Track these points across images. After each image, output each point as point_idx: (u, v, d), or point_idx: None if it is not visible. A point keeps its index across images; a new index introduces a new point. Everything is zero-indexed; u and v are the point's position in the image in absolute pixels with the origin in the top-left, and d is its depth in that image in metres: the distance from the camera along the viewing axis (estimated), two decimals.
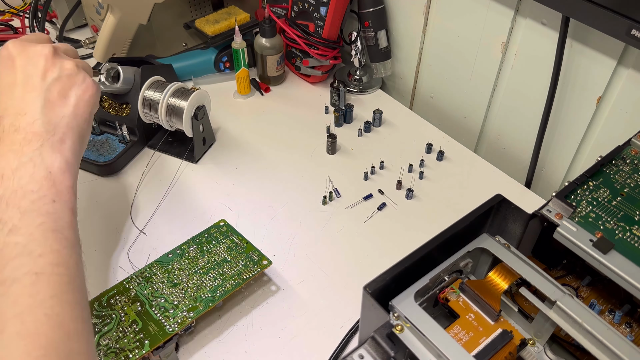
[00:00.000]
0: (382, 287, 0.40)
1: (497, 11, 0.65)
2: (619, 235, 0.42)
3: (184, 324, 0.48)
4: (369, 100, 0.82)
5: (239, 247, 0.56)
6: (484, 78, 0.72)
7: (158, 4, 0.76)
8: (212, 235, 0.57)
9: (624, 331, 0.44)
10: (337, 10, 0.75)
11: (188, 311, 0.49)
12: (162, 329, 0.48)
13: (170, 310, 0.50)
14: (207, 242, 0.56)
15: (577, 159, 0.67)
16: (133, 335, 0.48)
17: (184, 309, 0.50)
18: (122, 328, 0.48)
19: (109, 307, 0.50)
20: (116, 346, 0.47)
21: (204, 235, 0.57)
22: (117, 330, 0.48)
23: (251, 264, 0.54)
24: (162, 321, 0.49)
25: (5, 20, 0.94)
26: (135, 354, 0.46)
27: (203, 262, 0.54)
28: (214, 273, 0.53)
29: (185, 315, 0.49)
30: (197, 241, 0.56)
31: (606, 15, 0.51)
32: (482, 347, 0.41)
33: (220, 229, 0.58)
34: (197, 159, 0.71)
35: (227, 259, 0.54)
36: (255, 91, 0.83)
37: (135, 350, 0.46)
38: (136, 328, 0.48)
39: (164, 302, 0.50)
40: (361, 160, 0.71)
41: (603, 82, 0.59)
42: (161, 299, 0.50)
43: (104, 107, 0.71)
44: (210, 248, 0.56)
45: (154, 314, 0.49)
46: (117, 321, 0.49)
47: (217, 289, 0.52)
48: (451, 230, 0.44)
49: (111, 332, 0.48)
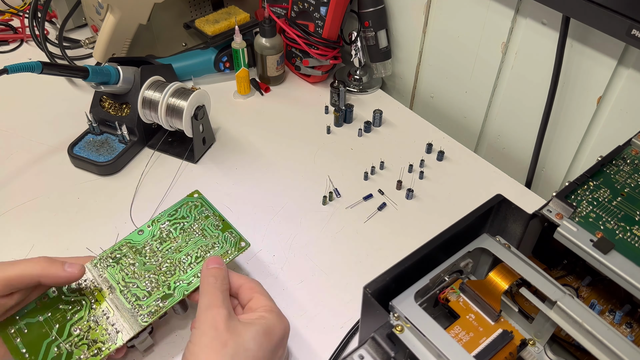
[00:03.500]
0: (383, 287, 0.40)
1: (498, 11, 0.65)
2: (620, 236, 0.42)
3: (157, 313, 0.46)
4: (369, 100, 0.82)
5: (215, 226, 0.53)
6: (484, 78, 0.72)
7: (158, 4, 0.76)
8: (186, 210, 0.54)
9: (625, 331, 0.44)
10: (337, 10, 0.75)
11: (162, 300, 0.47)
12: (135, 319, 0.46)
13: (142, 298, 0.47)
14: (181, 219, 0.54)
15: (578, 159, 0.67)
16: (105, 325, 0.46)
17: (157, 298, 0.47)
18: (93, 317, 0.47)
19: (78, 292, 0.48)
20: (88, 337, 0.45)
21: (176, 209, 0.55)
22: (89, 319, 0.46)
23: (228, 246, 0.52)
24: (134, 310, 0.47)
25: (5, 20, 0.94)
26: (107, 347, 0.45)
27: (176, 242, 0.52)
28: (189, 256, 0.51)
29: (159, 304, 0.47)
30: (169, 216, 0.54)
31: (607, 15, 0.51)
32: (482, 348, 0.41)
33: (194, 203, 0.55)
34: (197, 159, 0.71)
35: (202, 240, 0.52)
36: (255, 91, 0.83)
37: (108, 342, 0.45)
38: (107, 316, 0.46)
39: (136, 289, 0.48)
40: (361, 160, 0.71)
41: (603, 82, 0.59)
42: (134, 285, 0.48)
43: (103, 107, 0.71)
44: (184, 226, 0.53)
45: (126, 302, 0.47)
46: (88, 308, 0.47)
47: (193, 274, 0.49)
48: (451, 231, 0.44)
49: (82, 322, 0.46)
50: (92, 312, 0.47)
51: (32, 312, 0.47)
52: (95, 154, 0.69)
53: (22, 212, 0.63)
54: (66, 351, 0.45)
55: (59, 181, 0.67)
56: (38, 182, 0.67)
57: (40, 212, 0.63)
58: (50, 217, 0.63)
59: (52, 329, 0.46)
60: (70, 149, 0.69)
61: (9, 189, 0.66)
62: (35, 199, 0.65)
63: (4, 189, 0.66)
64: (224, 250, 0.52)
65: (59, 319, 0.47)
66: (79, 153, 0.69)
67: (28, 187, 0.66)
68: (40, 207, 0.64)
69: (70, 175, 0.68)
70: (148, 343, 0.49)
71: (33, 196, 0.65)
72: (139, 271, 0.50)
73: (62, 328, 0.46)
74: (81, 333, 0.46)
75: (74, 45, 0.89)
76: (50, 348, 0.45)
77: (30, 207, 0.64)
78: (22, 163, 0.70)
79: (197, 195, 0.57)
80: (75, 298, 0.48)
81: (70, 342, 0.45)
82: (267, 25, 0.78)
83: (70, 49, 0.88)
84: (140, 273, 0.49)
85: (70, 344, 0.45)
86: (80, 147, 0.70)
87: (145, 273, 0.49)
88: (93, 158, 0.68)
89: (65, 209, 0.64)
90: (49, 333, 0.46)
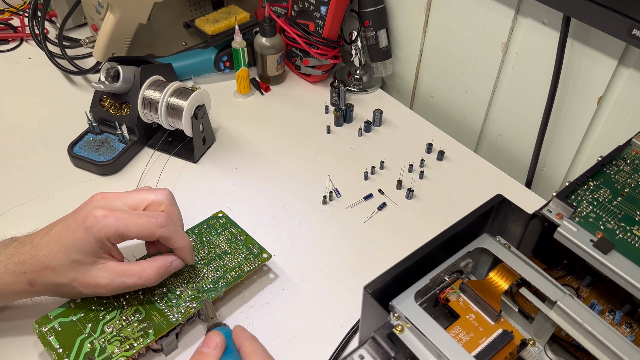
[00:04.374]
0: (383, 287, 0.40)
1: (498, 11, 0.65)
2: (620, 236, 0.42)
3: (187, 314, 0.49)
4: (369, 99, 0.82)
5: (239, 240, 0.56)
6: (484, 78, 0.72)
7: (158, 3, 0.76)
8: (211, 227, 0.57)
9: (624, 331, 0.44)
10: (338, 10, 0.75)
11: (191, 301, 0.50)
12: (166, 318, 0.48)
13: (173, 300, 0.50)
14: (207, 234, 0.57)
15: (578, 158, 0.67)
16: (137, 324, 0.48)
17: (187, 299, 0.50)
18: (125, 316, 0.48)
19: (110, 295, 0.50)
20: (120, 334, 0.47)
21: (202, 226, 0.57)
22: (120, 318, 0.48)
23: (251, 256, 0.54)
24: (165, 311, 0.49)
25: (4, 19, 0.94)
26: (140, 343, 0.46)
27: (203, 253, 0.55)
28: (215, 264, 0.53)
29: (189, 305, 0.49)
30: (196, 232, 0.57)
31: (607, 15, 0.51)
32: (482, 348, 0.41)
33: (219, 221, 0.58)
34: (197, 158, 0.71)
35: (227, 250, 0.55)
36: (255, 91, 0.83)
37: (140, 339, 0.47)
38: (139, 317, 0.48)
39: (166, 292, 0.50)
40: (361, 160, 0.71)
41: (604, 82, 0.59)
42: (163, 289, 0.51)
43: (103, 107, 0.71)
44: (210, 239, 0.56)
45: (157, 304, 0.49)
46: (120, 309, 0.49)
47: (219, 280, 0.52)
48: (451, 230, 0.44)
49: (114, 320, 0.48)
50: (123, 312, 0.49)
51: (66, 312, 0.48)
52: (95, 154, 0.69)
53: (22, 212, 0.63)
54: (99, 346, 0.46)
55: (59, 181, 0.67)
56: (38, 182, 0.67)
57: (40, 212, 0.63)
58: (50, 216, 0.62)
59: (85, 327, 0.47)
60: (70, 149, 0.69)
61: (9, 188, 0.66)
62: (35, 198, 0.65)
63: (4, 188, 0.66)
64: (247, 260, 0.54)
65: (92, 318, 0.48)
66: (79, 152, 0.69)
67: (28, 187, 0.66)
68: (40, 207, 0.64)
69: (70, 175, 0.68)
70: (174, 347, 0.50)
71: (33, 196, 0.65)
72: (169, 277, 0.52)
73: (95, 326, 0.48)
74: (114, 330, 0.47)
75: (73, 45, 0.89)
76: (84, 344, 0.46)
77: (30, 207, 0.64)
78: (22, 163, 0.70)
79: (221, 214, 0.59)
80: (108, 300, 0.50)
81: (103, 339, 0.47)
82: (267, 24, 0.78)
83: (70, 48, 0.88)
84: (169, 279, 0.52)
85: (103, 340, 0.46)
86: (80, 146, 0.70)
87: (174, 278, 0.52)
88: (93, 157, 0.68)
89: (66, 208, 0.63)
90: (82, 330, 0.47)
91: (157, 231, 0.47)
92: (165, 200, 0.51)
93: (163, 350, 0.49)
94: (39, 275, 0.46)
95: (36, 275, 0.46)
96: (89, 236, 0.45)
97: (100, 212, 0.46)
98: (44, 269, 0.46)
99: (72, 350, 0.45)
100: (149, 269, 0.48)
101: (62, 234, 0.46)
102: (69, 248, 0.45)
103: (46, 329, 0.47)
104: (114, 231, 0.46)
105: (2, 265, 0.46)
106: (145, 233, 0.47)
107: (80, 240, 0.45)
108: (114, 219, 0.46)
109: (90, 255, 0.46)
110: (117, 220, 0.46)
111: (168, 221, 0.48)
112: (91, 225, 0.46)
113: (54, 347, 0.46)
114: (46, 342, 0.46)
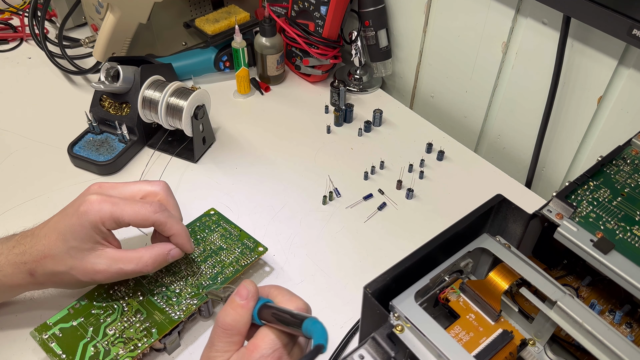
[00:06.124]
0: (383, 287, 0.40)
1: (498, 11, 0.65)
2: (620, 236, 0.42)
3: (189, 311, 0.49)
4: (369, 99, 0.82)
5: (233, 235, 0.56)
6: (484, 78, 0.72)
7: (158, 3, 0.75)
8: (204, 224, 0.58)
9: (624, 331, 0.44)
10: (338, 10, 0.75)
11: (191, 298, 0.50)
12: (167, 316, 0.48)
13: (173, 298, 0.50)
14: (201, 231, 0.57)
15: (578, 158, 0.67)
16: (139, 324, 0.48)
17: (187, 297, 0.50)
18: (126, 318, 0.48)
19: (109, 298, 0.50)
20: (123, 335, 0.47)
21: (195, 224, 0.58)
22: (122, 320, 0.48)
23: (247, 250, 0.55)
24: (166, 309, 0.49)
25: (4, 19, 0.94)
26: (144, 342, 0.46)
27: (199, 250, 0.55)
28: (212, 261, 0.54)
29: (189, 302, 0.50)
30: (189, 230, 0.56)
31: (607, 15, 0.51)
32: (482, 347, 0.41)
33: (211, 218, 0.58)
34: (197, 158, 0.71)
35: (222, 246, 0.55)
36: (255, 90, 0.83)
37: (144, 339, 0.47)
38: (141, 317, 0.48)
39: (166, 291, 0.51)
40: (361, 160, 0.71)
41: (604, 81, 0.59)
42: (162, 288, 0.51)
43: (103, 107, 0.71)
44: (205, 237, 0.56)
45: (157, 303, 0.50)
46: (120, 311, 0.49)
47: (217, 276, 0.52)
48: (451, 230, 0.44)
49: (116, 322, 0.48)
50: (124, 314, 0.49)
51: (65, 318, 0.48)
52: (95, 154, 0.69)
53: (23, 211, 0.63)
54: (103, 349, 0.46)
55: (59, 181, 0.67)
56: (38, 182, 0.67)
57: (40, 212, 0.63)
58: (50, 216, 0.63)
59: (87, 331, 0.47)
60: (70, 149, 0.69)
61: (9, 188, 0.66)
62: (35, 198, 0.65)
63: (4, 189, 0.66)
64: (244, 255, 0.54)
65: (93, 322, 0.48)
66: (79, 152, 0.69)
67: (28, 187, 0.66)
68: (40, 207, 0.64)
69: (70, 175, 0.68)
70: (177, 345, 0.50)
71: (33, 196, 0.65)
72: (167, 276, 0.52)
73: (97, 329, 0.48)
74: (116, 332, 0.47)
75: (73, 44, 0.89)
76: (87, 348, 0.46)
77: (30, 207, 0.64)
78: (22, 162, 0.70)
79: (213, 212, 0.59)
80: (107, 303, 0.49)
81: (106, 341, 0.47)
82: (267, 24, 0.78)
83: (70, 48, 0.88)
84: (167, 278, 0.52)
85: (107, 342, 0.46)
86: (80, 146, 0.70)
87: (172, 277, 0.52)
88: (93, 157, 0.68)
89: None
90: (84, 335, 0.47)
91: (151, 216, 0.47)
92: (160, 191, 0.51)
93: (166, 349, 0.49)
94: (39, 265, 0.46)
95: (36, 264, 0.46)
96: (84, 221, 0.46)
97: (96, 197, 0.47)
98: (44, 258, 0.46)
99: (75, 355, 0.45)
100: (146, 256, 0.48)
101: (60, 222, 0.47)
102: (65, 235, 0.46)
103: (47, 335, 0.47)
104: (109, 215, 0.46)
105: (4, 257, 0.46)
106: (139, 217, 0.47)
107: (76, 226, 0.46)
108: (109, 204, 0.46)
109: (87, 241, 0.46)
110: (113, 205, 0.46)
111: (162, 207, 0.48)
112: (86, 209, 0.46)
113: (57, 353, 0.46)
114: (48, 349, 0.46)
